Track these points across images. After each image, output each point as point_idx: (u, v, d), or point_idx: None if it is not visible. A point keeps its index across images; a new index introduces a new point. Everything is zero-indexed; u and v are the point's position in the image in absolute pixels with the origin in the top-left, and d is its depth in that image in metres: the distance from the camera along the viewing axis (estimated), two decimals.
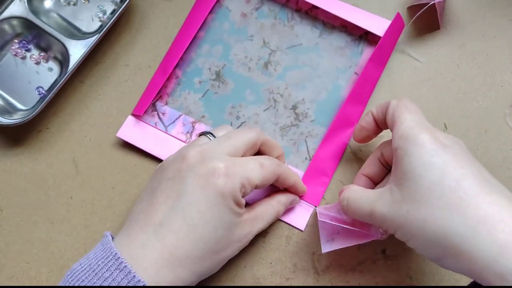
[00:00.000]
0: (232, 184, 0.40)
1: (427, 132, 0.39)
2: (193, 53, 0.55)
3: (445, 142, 0.39)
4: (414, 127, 0.40)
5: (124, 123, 0.53)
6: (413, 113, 0.42)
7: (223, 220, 0.40)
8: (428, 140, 0.38)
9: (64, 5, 0.57)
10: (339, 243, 0.46)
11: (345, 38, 0.55)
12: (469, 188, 0.36)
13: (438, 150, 0.38)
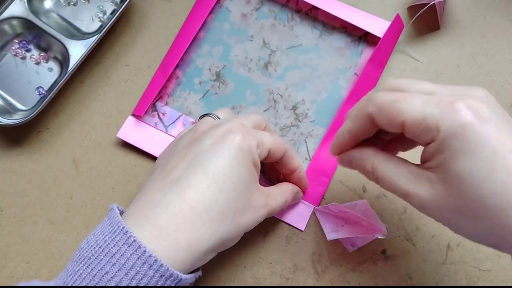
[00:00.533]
0: (249, 141, 0.40)
1: (459, 109, 0.32)
2: (193, 53, 0.55)
3: (484, 110, 0.32)
4: (438, 113, 0.32)
5: (124, 124, 0.53)
6: (401, 96, 0.35)
7: (243, 176, 0.39)
8: (470, 124, 0.31)
9: (64, 5, 0.57)
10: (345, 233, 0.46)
11: (345, 39, 0.55)
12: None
13: (484, 135, 0.31)
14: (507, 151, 0.30)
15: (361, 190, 0.51)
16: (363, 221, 0.45)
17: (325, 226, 0.48)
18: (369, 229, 0.45)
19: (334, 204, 0.46)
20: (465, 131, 0.31)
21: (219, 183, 0.38)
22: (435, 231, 0.49)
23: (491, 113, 0.31)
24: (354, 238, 0.47)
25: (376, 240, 0.46)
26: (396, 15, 0.53)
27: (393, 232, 0.49)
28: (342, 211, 0.46)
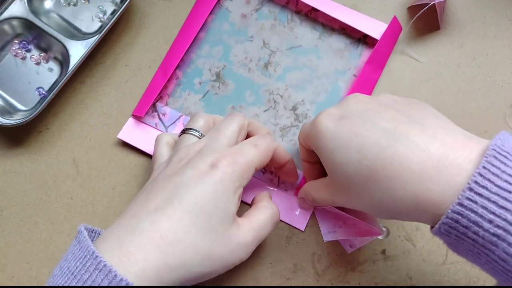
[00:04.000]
0: (233, 173, 0.40)
1: (319, 118, 0.40)
2: (193, 54, 0.55)
3: (339, 114, 0.40)
4: (311, 124, 0.41)
5: (125, 125, 0.53)
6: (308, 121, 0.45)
7: (219, 208, 0.39)
8: (323, 126, 0.39)
9: (64, 6, 0.57)
10: (342, 235, 0.46)
11: (344, 41, 0.55)
12: (369, 153, 0.36)
13: (335, 130, 0.39)
14: (354, 135, 0.37)
15: None
16: (361, 223, 0.45)
17: (323, 227, 0.48)
18: (366, 231, 0.45)
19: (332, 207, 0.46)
20: (319, 131, 0.40)
21: (193, 214, 0.38)
22: None
23: (342, 115, 0.39)
24: (352, 239, 0.47)
25: (376, 240, 0.46)
26: (393, 17, 0.53)
27: (393, 232, 0.49)
28: (340, 213, 0.46)
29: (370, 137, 0.36)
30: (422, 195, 0.33)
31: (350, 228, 0.46)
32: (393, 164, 0.35)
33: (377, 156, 0.35)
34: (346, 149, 0.37)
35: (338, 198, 0.42)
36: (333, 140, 0.38)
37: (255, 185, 0.51)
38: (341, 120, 0.39)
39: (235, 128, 0.44)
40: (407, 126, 0.36)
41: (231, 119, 0.45)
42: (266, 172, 0.52)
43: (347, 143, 0.37)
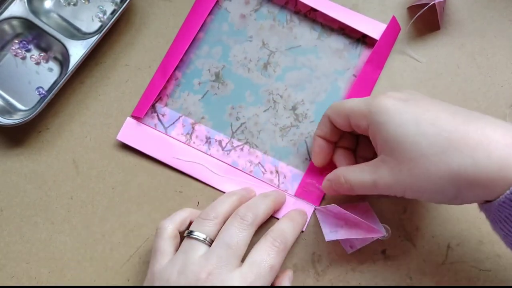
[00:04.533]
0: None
1: (383, 98, 0.41)
2: (192, 54, 0.55)
3: (403, 97, 0.41)
4: (368, 102, 0.42)
5: (123, 126, 0.53)
6: (346, 100, 0.46)
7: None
8: (389, 104, 0.40)
9: (64, 6, 0.57)
10: (343, 234, 0.46)
11: (343, 41, 0.55)
12: (447, 125, 0.38)
13: (403, 107, 0.40)
14: (426, 110, 0.39)
15: None
16: (362, 223, 0.45)
17: (324, 226, 0.48)
18: (368, 231, 0.45)
19: (334, 206, 0.46)
20: (385, 108, 0.40)
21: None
22: (435, 231, 0.49)
23: (406, 97, 0.41)
24: (353, 240, 0.47)
25: (376, 240, 0.46)
26: (392, 18, 0.53)
27: (393, 232, 0.49)
28: (342, 212, 0.46)
29: (444, 113, 0.39)
30: (508, 161, 0.35)
31: (351, 228, 0.46)
32: (476, 134, 0.37)
33: (457, 128, 0.37)
34: (418, 122, 0.38)
35: (389, 179, 0.41)
36: (403, 115, 0.39)
37: (255, 185, 0.51)
38: (407, 101, 0.40)
39: (246, 237, 0.44)
40: (472, 113, 0.39)
41: (240, 225, 0.44)
42: (266, 172, 0.52)
43: (419, 117, 0.39)
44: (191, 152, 0.52)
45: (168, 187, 0.52)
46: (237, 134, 0.53)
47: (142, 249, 0.51)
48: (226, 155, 0.53)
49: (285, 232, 0.45)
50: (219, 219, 0.45)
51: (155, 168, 0.52)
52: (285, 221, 0.47)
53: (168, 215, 0.50)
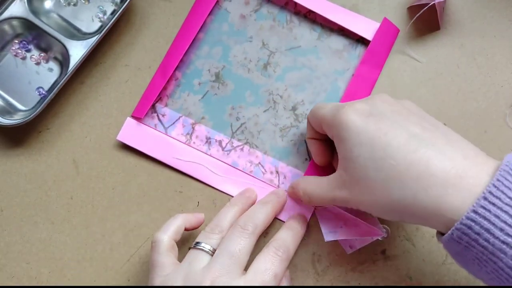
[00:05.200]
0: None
1: (347, 111, 0.41)
2: (192, 54, 0.55)
3: (367, 111, 0.40)
4: (334, 114, 0.42)
5: (123, 126, 0.53)
6: (324, 105, 0.45)
7: None
8: (350, 120, 0.40)
9: (64, 6, 0.57)
10: (343, 235, 0.46)
11: (343, 41, 0.55)
12: (396, 153, 0.37)
13: (363, 126, 0.39)
14: (383, 134, 0.38)
15: None
16: (362, 223, 0.45)
17: (324, 226, 0.48)
18: (367, 231, 0.45)
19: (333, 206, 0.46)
20: (345, 124, 0.40)
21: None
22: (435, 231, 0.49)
23: (371, 111, 0.40)
24: (352, 240, 0.47)
25: (376, 240, 0.46)
26: (384, 19, 0.53)
27: (393, 232, 0.49)
28: (341, 213, 0.46)
29: (399, 138, 0.38)
30: (443, 200, 0.35)
31: (351, 228, 0.46)
32: (419, 166, 0.36)
33: (404, 157, 0.37)
34: (372, 146, 0.38)
35: (344, 194, 0.42)
36: (360, 135, 0.39)
37: (256, 186, 0.51)
38: (369, 117, 0.40)
39: (247, 246, 0.44)
40: (434, 134, 0.39)
41: (241, 234, 0.44)
42: (266, 172, 0.52)
43: (373, 140, 0.38)
44: (191, 152, 0.52)
45: (168, 187, 0.52)
46: (237, 134, 0.53)
47: (142, 249, 0.51)
48: (226, 155, 0.53)
49: (286, 242, 0.45)
50: (224, 232, 0.45)
51: (155, 168, 0.52)
52: (286, 231, 0.47)
53: (169, 215, 0.50)
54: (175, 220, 0.47)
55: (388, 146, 0.38)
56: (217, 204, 0.51)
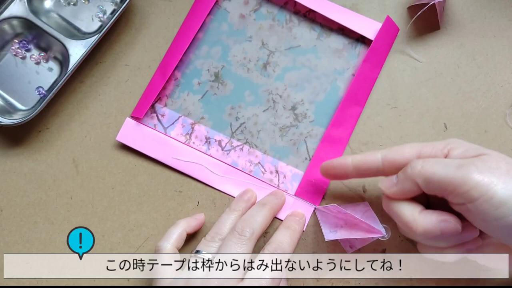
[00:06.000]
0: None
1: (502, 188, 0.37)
2: (191, 54, 0.55)
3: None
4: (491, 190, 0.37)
5: (123, 126, 0.53)
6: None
7: None
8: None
9: (64, 5, 0.57)
10: (343, 234, 0.46)
11: (342, 41, 0.55)
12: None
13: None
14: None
15: (361, 190, 0.51)
16: (362, 223, 0.45)
17: (324, 226, 0.48)
18: (367, 231, 0.45)
19: (334, 205, 0.46)
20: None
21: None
22: None
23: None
24: (353, 240, 0.47)
25: (376, 240, 0.46)
26: (387, 17, 0.53)
27: (393, 232, 0.49)
28: (342, 212, 0.46)
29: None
30: None
31: (351, 228, 0.46)
32: None
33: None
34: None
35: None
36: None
37: (255, 185, 0.51)
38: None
39: (245, 252, 0.44)
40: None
41: (239, 241, 0.44)
42: (266, 172, 0.52)
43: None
44: (191, 152, 0.52)
45: (168, 187, 0.52)
46: (236, 134, 0.53)
47: (142, 249, 0.51)
48: (225, 155, 0.53)
49: (282, 243, 0.45)
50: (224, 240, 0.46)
51: (155, 167, 0.52)
52: (282, 231, 0.47)
53: (168, 214, 0.50)
54: (176, 228, 0.47)
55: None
56: (216, 204, 0.51)
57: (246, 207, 0.49)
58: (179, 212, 0.51)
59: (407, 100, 0.53)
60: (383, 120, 0.52)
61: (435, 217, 0.40)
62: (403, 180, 0.41)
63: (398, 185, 0.42)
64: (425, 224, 0.39)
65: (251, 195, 0.50)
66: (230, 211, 0.48)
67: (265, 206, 0.48)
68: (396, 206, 0.42)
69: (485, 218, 0.37)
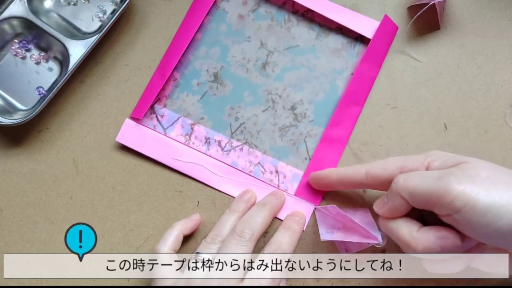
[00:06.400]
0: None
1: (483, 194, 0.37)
2: (190, 55, 0.55)
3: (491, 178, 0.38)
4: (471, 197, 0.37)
5: (122, 127, 0.53)
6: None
7: None
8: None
9: (64, 5, 0.57)
10: (339, 236, 0.46)
11: (341, 40, 0.55)
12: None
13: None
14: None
15: (361, 191, 0.51)
16: (360, 227, 0.44)
17: (321, 226, 0.48)
18: (364, 236, 0.45)
19: (333, 206, 0.46)
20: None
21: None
22: None
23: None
24: (348, 243, 0.47)
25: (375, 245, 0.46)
26: (384, 16, 0.53)
27: None
28: (341, 214, 0.46)
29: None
30: None
31: (348, 231, 0.46)
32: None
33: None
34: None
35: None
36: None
37: (255, 185, 0.51)
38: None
39: (245, 253, 0.44)
40: None
41: (238, 242, 0.44)
42: (266, 172, 0.52)
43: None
44: (191, 153, 0.52)
45: (168, 187, 0.52)
46: (236, 134, 0.53)
47: (142, 249, 0.51)
48: (225, 155, 0.53)
49: (282, 244, 0.45)
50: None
51: (155, 167, 0.52)
52: (282, 232, 0.47)
53: (168, 214, 0.50)
54: (173, 231, 0.48)
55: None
56: (216, 204, 0.51)
57: (246, 208, 0.49)
58: (179, 212, 0.51)
59: (407, 100, 0.53)
60: (383, 120, 0.52)
61: (432, 234, 0.40)
62: (391, 197, 0.42)
63: (388, 203, 0.43)
64: (423, 242, 0.40)
65: (251, 195, 0.50)
66: (230, 212, 0.48)
67: (265, 206, 0.48)
68: (393, 226, 0.42)
69: (474, 226, 0.37)
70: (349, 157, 0.52)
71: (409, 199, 0.40)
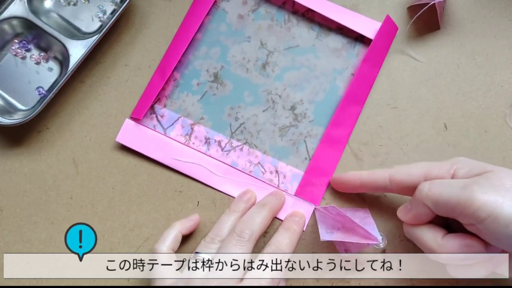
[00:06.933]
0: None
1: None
2: (190, 55, 0.55)
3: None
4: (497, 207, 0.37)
5: (122, 127, 0.53)
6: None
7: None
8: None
9: (64, 5, 0.57)
10: (339, 237, 0.46)
11: (341, 40, 0.55)
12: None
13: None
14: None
15: None
16: (359, 228, 0.44)
17: (321, 226, 0.48)
18: (363, 237, 0.45)
19: (333, 207, 0.46)
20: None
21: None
22: None
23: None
24: (348, 244, 0.47)
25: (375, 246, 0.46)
26: (386, 17, 0.53)
27: (393, 232, 0.49)
28: (341, 215, 0.46)
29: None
30: None
31: (347, 231, 0.46)
32: None
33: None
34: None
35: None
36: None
37: (255, 185, 0.51)
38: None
39: (244, 253, 0.44)
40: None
41: (238, 242, 0.44)
42: (266, 172, 0.52)
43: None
44: (191, 153, 0.52)
45: (168, 187, 0.52)
46: (236, 134, 0.53)
47: (142, 249, 0.51)
48: (225, 155, 0.53)
49: (282, 244, 0.45)
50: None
51: (155, 167, 0.52)
52: (282, 232, 0.47)
53: (168, 214, 0.50)
54: (171, 230, 0.48)
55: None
56: (217, 204, 0.51)
57: (245, 208, 0.49)
58: (179, 212, 0.51)
59: (407, 100, 0.53)
60: (383, 120, 0.52)
61: (457, 242, 0.40)
62: (415, 205, 0.42)
63: (412, 210, 0.43)
64: (448, 249, 0.40)
65: (250, 195, 0.50)
66: (230, 212, 0.48)
67: (264, 206, 0.48)
68: (418, 233, 0.43)
69: (497, 237, 0.37)
70: (349, 157, 0.52)
71: (433, 208, 0.41)
